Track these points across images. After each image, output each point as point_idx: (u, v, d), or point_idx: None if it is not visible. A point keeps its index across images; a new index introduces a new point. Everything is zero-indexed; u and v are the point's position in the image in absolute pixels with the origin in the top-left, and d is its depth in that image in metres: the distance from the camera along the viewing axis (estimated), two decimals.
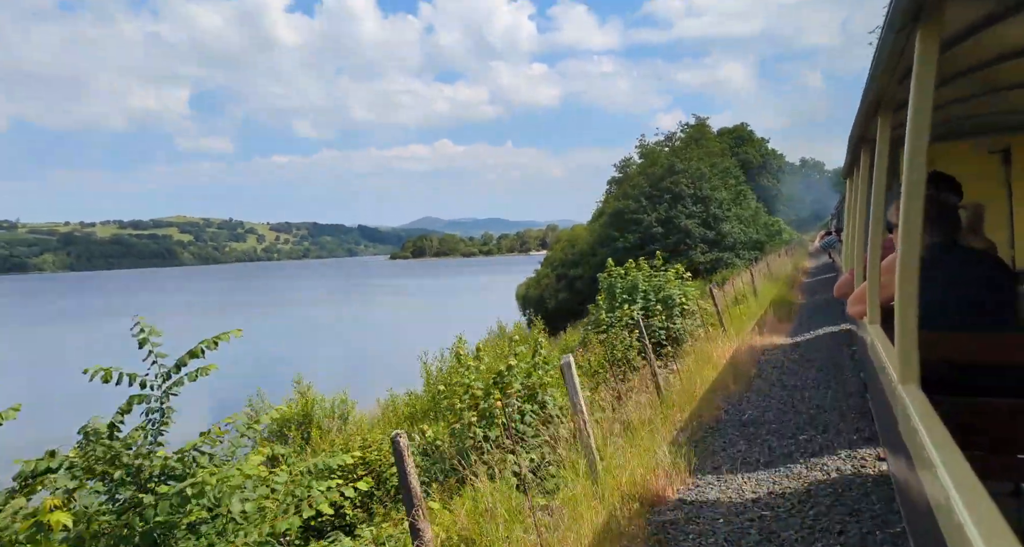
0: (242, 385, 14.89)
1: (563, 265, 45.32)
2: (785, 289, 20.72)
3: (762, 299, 18.58)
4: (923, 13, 1.81)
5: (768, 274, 23.87)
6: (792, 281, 23.65)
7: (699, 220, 40.98)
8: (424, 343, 17.14)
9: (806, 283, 24.22)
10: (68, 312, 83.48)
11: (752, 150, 71.25)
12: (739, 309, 17.05)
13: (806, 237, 66.55)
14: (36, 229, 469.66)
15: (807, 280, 25.03)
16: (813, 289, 21.77)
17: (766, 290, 20.42)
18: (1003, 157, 5.86)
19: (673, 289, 14.77)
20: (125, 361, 3.47)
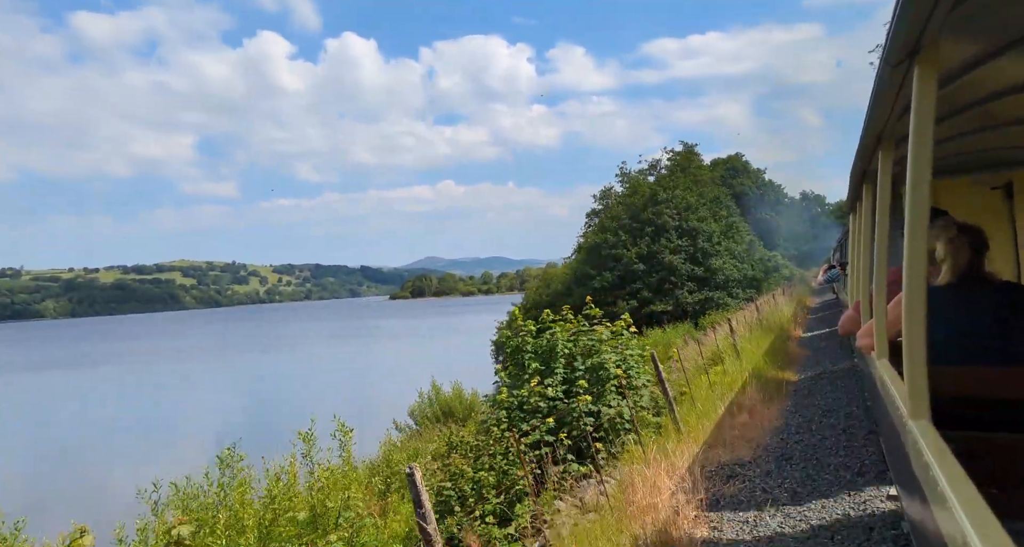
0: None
1: (536, 307, 40.78)
2: (778, 344, 16.11)
3: (747, 358, 14.01)
4: (920, 48, 1.87)
5: (758, 322, 19.24)
6: (789, 330, 19.02)
7: (685, 255, 36.60)
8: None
9: (806, 336, 19.65)
10: (57, 360, 79.79)
11: (748, 181, 67.39)
12: (713, 376, 12.50)
13: (808, 273, 62.21)
14: (40, 276, 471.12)
15: (806, 334, 20.43)
16: (815, 344, 17.21)
17: (755, 344, 15.84)
18: (1005, 193, 5.70)
19: (608, 353, 10.32)
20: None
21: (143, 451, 24.03)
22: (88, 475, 22.12)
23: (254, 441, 10.58)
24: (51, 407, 38.29)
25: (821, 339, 17.90)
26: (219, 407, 33.83)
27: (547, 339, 10.18)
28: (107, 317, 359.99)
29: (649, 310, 35.21)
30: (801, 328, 20.76)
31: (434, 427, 18.96)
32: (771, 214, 66.36)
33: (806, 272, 63.18)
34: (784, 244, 66.18)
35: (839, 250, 19.86)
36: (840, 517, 5.27)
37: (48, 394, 45.08)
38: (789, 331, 19.20)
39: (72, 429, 30.74)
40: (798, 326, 21.11)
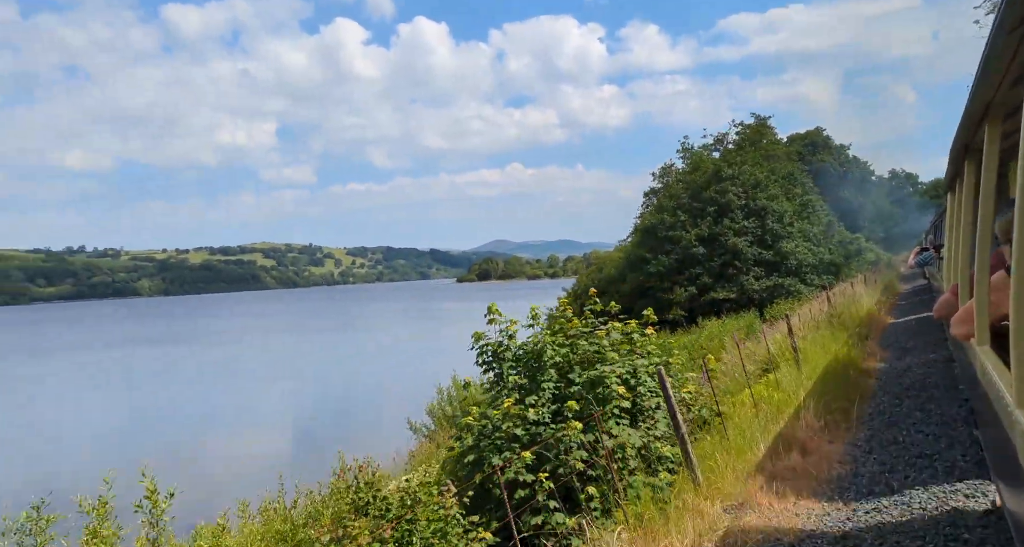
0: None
1: (586, 294, 38.15)
2: (852, 344, 13.12)
3: (809, 365, 11.24)
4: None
5: (828, 317, 16.13)
6: (868, 327, 15.85)
7: (752, 237, 33.04)
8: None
9: (890, 330, 16.40)
10: (159, 335, 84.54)
11: (829, 158, 61.85)
12: (761, 389, 9.87)
13: (897, 257, 56.61)
14: (136, 256, 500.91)
15: (890, 327, 17.12)
16: (901, 342, 14.08)
17: (821, 345, 12.95)
18: None
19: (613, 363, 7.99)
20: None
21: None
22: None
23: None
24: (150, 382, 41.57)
25: (909, 335, 14.74)
26: (292, 389, 35.13)
27: (534, 343, 7.85)
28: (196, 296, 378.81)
29: (710, 297, 32.04)
30: (884, 320, 17.53)
31: (451, 430, 16.99)
32: (855, 193, 60.73)
33: (894, 256, 57.58)
34: (870, 226, 60.50)
35: (933, 231, 18.05)
36: None
37: (150, 369, 48.90)
38: (869, 326, 16.05)
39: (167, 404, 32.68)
40: (880, 317, 17.85)
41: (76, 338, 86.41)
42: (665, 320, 32.29)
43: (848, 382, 9.97)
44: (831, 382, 9.80)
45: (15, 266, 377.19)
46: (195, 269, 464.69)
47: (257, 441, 23.92)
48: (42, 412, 32.72)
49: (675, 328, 30.86)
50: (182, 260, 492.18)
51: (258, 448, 22.57)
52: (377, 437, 20.50)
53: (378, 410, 28.08)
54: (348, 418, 26.79)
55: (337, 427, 24.88)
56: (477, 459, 6.81)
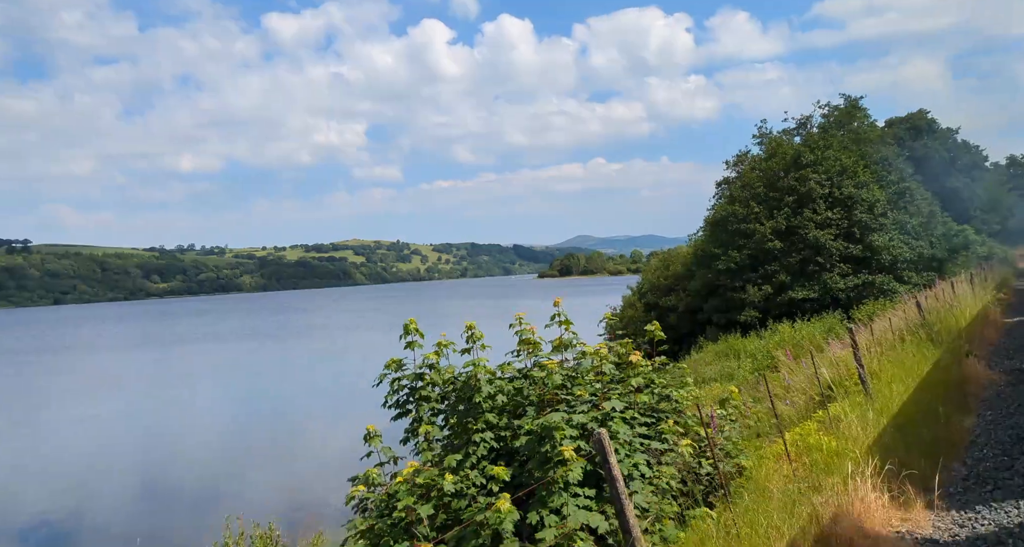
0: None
1: (652, 292, 35.33)
2: (947, 366, 10.26)
3: (882, 396, 8.61)
4: None
5: (918, 327, 13.11)
6: (972, 339, 12.74)
7: (836, 230, 29.29)
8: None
9: (1007, 339, 13.20)
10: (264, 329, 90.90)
11: (935, 143, 55.50)
12: (805, 433, 7.43)
13: (1015, 251, 50.20)
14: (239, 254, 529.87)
15: (1007, 332, 13.88)
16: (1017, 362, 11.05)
17: (903, 366, 10.20)
18: None
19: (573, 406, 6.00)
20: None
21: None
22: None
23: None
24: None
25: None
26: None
27: (467, 375, 5.84)
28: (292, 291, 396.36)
29: (787, 297, 28.64)
30: (993, 331, 14.25)
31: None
32: (965, 181, 54.23)
33: (1011, 249, 51.06)
34: (982, 216, 53.91)
35: None
36: None
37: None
38: (972, 338, 12.93)
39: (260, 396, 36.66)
40: (989, 327, 14.55)
41: (209, 330, 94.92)
42: (736, 322, 29.22)
43: (935, 423, 7.36)
44: (909, 424, 7.25)
45: (133, 264, 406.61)
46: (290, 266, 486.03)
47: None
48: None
49: (747, 331, 27.82)
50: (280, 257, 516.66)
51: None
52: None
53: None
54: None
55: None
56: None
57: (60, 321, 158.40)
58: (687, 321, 32.22)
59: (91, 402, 37.37)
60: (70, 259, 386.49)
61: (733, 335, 28.27)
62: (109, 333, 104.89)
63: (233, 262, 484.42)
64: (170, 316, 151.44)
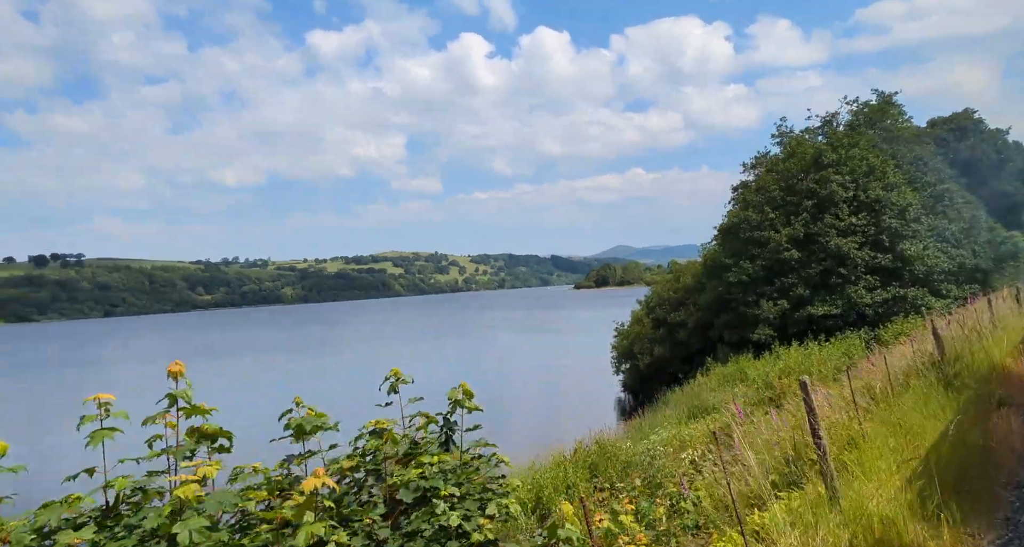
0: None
1: (661, 306, 32.63)
2: (964, 426, 7.57)
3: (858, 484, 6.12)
4: None
5: (929, 366, 10.36)
6: (1007, 383, 9.91)
7: (862, 237, 26.24)
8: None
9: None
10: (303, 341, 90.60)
11: (983, 145, 51.36)
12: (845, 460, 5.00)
13: None
14: (281, 266, 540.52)
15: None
16: None
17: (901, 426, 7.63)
18: None
19: None
20: None
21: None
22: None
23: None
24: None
25: None
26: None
27: None
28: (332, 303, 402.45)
29: (806, 313, 25.71)
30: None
31: None
32: (1017, 184, 49.90)
33: None
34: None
35: None
36: None
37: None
38: (1011, 380, 10.13)
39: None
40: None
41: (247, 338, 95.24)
42: (748, 340, 26.43)
43: (934, 538, 4.85)
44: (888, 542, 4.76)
45: (179, 277, 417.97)
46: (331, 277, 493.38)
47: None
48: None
49: (760, 351, 25.03)
50: (320, 269, 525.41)
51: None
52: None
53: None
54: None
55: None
56: None
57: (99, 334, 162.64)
58: (698, 338, 29.49)
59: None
60: (120, 272, 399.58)
61: (745, 355, 25.53)
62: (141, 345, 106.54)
63: (275, 274, 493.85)
64: (193, 328, 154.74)
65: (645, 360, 31.11)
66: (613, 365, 34.61)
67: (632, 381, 32.58)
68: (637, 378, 32.02)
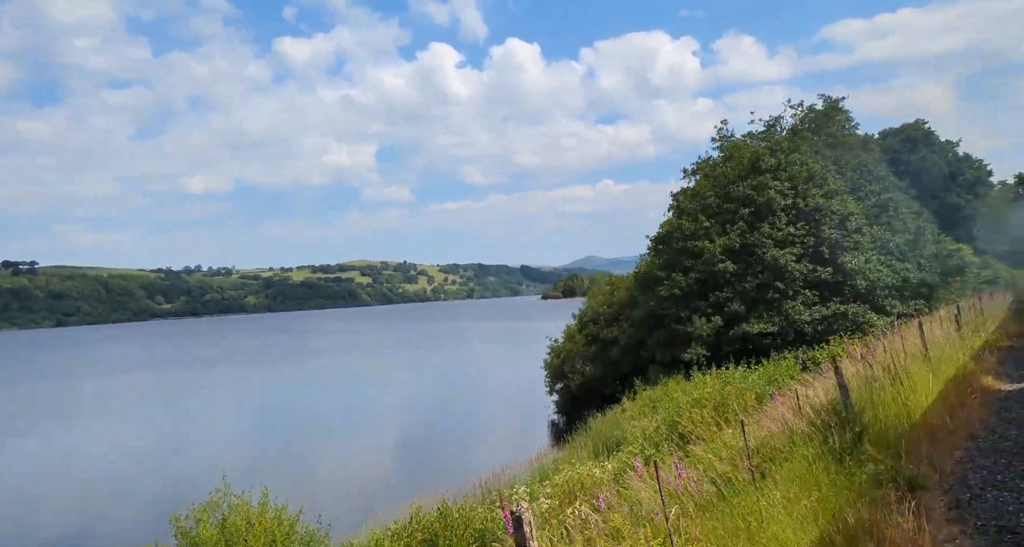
0: None
1: (595, 322, 30.30)
2: (855, 525, 5.17)
3: None
4: None
5: (825, 424, 7.96)
6: (933, 441, 7.48)
7: (801, 249, 24.30)
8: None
9: (989, 452, 7.88)
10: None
11: (933, 156, 50.54)
12: None
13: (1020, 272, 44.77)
14: (246, 274, 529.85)
15: (990, 438, 8.10)
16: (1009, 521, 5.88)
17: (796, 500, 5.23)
18: None
19: None
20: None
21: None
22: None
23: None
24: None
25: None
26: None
27: None
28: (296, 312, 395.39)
29: (741, 331, 23.58)
30: (979, 415, 9.03)
31: None
32: (967, 197, 49.09)
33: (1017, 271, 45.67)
34: (987, 237, 48.63)
35: None
36: None
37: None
38: (936, 436, 7.74)
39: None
40: (969, 407, 9.25)
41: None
42: (680, 361, 24.19)
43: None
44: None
45: (138, 285, 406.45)
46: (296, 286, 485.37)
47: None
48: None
49: (692, 372, 22.80)
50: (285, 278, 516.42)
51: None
52: None
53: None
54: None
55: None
56: None
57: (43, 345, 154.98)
58: (631, 357, 27.15)
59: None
60: (75, 280, 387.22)
61: (675, 377, 23.28)
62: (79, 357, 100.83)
63: (239, 283, 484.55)
64: (134, 339, 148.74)
65: (576, 380, 28.67)
66: (547, 385, 32.09)
67: (565, 403, 30.11)
68: (569, 399, 29.57)
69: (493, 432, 28.86)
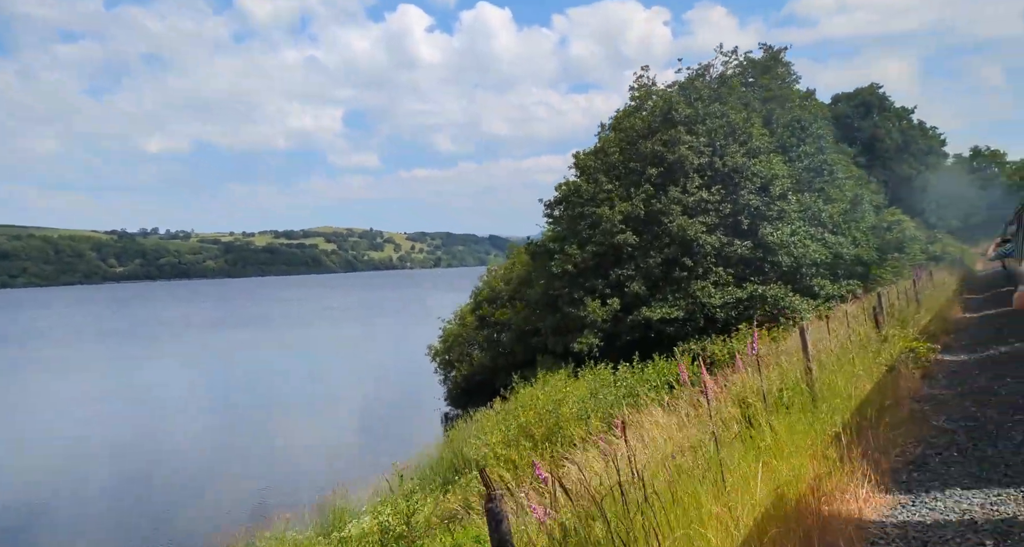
0: None
1: (492, 302, 26.13)
2: None
3: None
4: None
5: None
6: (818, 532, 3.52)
7: (715, 218, 20.37)
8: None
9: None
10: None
11: (887, 124, 47.12)
12: None
13: (974, 250, 42.17)
14: (205, 238, 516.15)
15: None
16: None
17: None
18: None
19: None
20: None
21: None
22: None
23: None
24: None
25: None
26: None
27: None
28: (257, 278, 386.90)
29: (640, 316, 19.67)
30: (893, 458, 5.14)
31: None
32: (919, 167, 45.87)
33: (971, 248, 43.04)
34: (939, 211, 45.70)
35: (1018, 220, 13.70)
36: None
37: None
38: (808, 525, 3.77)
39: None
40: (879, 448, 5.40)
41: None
42: (570, 352, 20.26)
43: None
44: None
45: (89, 246, 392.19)
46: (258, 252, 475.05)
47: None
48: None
49: (582, 364, 18.94)
50: (247, 243, 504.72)
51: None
52: None
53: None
54: None
55: None
56: None
57: None
58: (524, 345, 23.11)
59: None
60: (22, 241, 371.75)
61: (565, 370, 19.39)
62: None
63: (197, 247, 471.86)
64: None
65: (463, 370, 24.62)
66: (440, 374, 27.91)
67: (456, 394, 26.09)
68: (459, 391, 25.57)
69: (387, 427, 24.62)
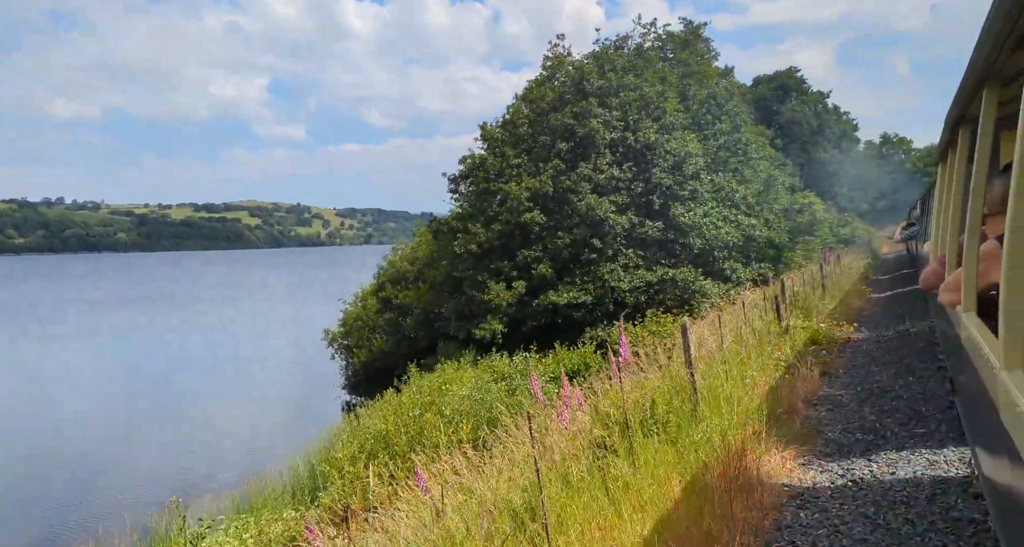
0: None
1: (396, 283, 24.42)
2: None
3: None
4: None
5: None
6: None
7: (626, 197, 19.34)
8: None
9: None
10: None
11: (804, 108, 47.72)
12: None
13: (882, 233, 43.47)
14: (117, 210, 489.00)
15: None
16: None
17: None
18: None
19: None
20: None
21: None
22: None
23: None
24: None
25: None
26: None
27: None
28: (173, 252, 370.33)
29: (547, 301, 18.52)
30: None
31: None
32: (832, 151, 46.79)
33: (878, 231, 44.39)
34: (850, 194, 46.86)
35: (921, 205, 13.24)
36: None
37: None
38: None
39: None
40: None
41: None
42: (473, 338, 18.92)
43: None
44: None
45: None
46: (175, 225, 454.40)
47: None
48: None
49: (485, 352, 17.65)
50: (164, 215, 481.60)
51: None
52: None
53: None
54: None
55: None
56: None
57: None
58: (426, 330, 21.59)
59: None
60: None
61: (466, 357, 18.08)
62: None
63: (108, 219, 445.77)
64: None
65: (363, 356, 22.89)
66: (342, 359, 26.03)
67: (356, 382, 24.35)
68: (359, 379, 23.85)
69: (282, 418, 22.55)
